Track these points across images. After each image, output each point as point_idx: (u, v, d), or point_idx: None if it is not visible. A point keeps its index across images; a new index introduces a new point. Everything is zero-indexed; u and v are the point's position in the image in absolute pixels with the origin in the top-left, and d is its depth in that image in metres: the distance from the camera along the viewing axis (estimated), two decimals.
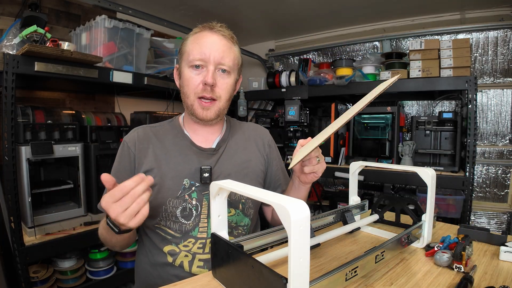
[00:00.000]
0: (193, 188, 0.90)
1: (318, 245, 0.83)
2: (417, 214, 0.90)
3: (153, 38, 2.02)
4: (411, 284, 0.66)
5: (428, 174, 0.83)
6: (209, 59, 0.86)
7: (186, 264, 0.87)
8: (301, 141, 0.79)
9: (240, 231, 0.96)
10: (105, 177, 0.62)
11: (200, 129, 0.96)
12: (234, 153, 0.98)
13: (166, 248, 0.89)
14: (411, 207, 0.94)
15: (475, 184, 2.17)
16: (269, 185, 1.07)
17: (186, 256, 0.88)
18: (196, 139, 0.95)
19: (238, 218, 0.95)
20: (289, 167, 0.80)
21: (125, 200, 0.61)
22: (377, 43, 2.60)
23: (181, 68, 0.91)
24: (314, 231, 0.84)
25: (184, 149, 0.93)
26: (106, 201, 0.62)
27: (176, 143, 0.94)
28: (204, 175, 0.89)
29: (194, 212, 0.89)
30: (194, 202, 0.89)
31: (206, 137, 0.97)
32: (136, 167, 0.90)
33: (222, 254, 0.64)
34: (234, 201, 0.94)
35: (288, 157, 2.14)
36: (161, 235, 0.90)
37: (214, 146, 0.96)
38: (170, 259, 0.88)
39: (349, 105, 2.76)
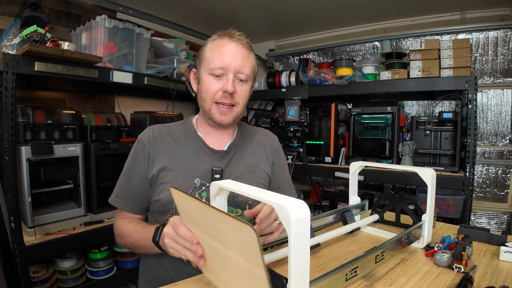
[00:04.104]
0: (203, 188, 0.93)
1: (318, 245, 0.83)
2: (417, 214, 0.90)
3: (153, 38, 2.02)
4: (411, 284, 0.66)
5: (428, 174, 0.83)
6: (229, 68, 0.89)
7: None
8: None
9: None
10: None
11: (213, 131, 0.99)
12: (244, 157, 1.01)
13: None
14: (411, 207, 0.94)
15: (475, 184, 2.17)
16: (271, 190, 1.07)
17: None
18: (209, 141, 0.98)
19: (245, 220, 0.96)
20: None
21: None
22: (377, 43, 2.60)
23: (200, 74, 0.94)
24: (314, 231, 0.84)
25: (197, 149, 0.96)
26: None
27: (189, 143, 0.97)
28: (215, 176, 0.92)
29: None
30: (203, 201, 0.91)
31: (218, 139, 1.00)
32: (150, 164, 0.93)
33: None
34: (241, 202, 0.96)
35: (288, 157, 2.14)
36: None
37: (225, 149, 0.99)
38: None
39: (349, 105, 2.76)
